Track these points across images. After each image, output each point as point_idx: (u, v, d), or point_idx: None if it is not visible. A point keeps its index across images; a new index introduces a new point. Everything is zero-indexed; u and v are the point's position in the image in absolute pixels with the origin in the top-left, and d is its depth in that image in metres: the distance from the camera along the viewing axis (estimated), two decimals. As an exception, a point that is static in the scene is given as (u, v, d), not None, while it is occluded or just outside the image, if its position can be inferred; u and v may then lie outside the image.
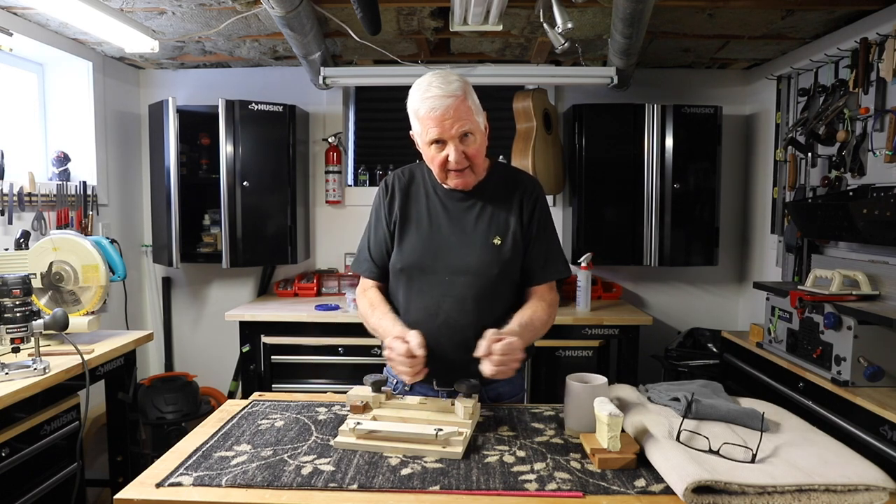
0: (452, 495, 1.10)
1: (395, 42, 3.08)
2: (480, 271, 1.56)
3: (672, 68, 3.61)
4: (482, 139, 1.56)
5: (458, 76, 1.52)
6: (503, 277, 1.58)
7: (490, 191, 1.62)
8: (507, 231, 1.58)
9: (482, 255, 1.56)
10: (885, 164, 2.39)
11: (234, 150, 3.26)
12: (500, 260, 1.56)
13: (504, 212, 1.60)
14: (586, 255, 3.15)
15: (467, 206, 1.61)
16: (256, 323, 3.10)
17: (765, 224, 3.40)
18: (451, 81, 1.49)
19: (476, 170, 1.56)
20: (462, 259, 1.57)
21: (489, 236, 1.58)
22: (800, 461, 1.13)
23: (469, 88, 1.52)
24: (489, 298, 1.56)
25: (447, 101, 1.46)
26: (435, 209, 1.62)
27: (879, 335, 2.03)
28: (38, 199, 2.77)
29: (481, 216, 1.60)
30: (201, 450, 1.29)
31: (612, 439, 1.21)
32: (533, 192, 1.64)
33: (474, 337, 1.52)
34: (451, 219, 1.60)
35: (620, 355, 3.12)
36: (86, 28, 2.63)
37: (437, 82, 1.48)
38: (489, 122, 1.61)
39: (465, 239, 1.58)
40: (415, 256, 1.60)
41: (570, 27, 2.30)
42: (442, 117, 1.47)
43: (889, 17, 2.43)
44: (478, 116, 1.54)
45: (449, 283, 1.56)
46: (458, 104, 1.47)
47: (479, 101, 1.56)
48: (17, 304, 1.85)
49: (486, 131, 1.58)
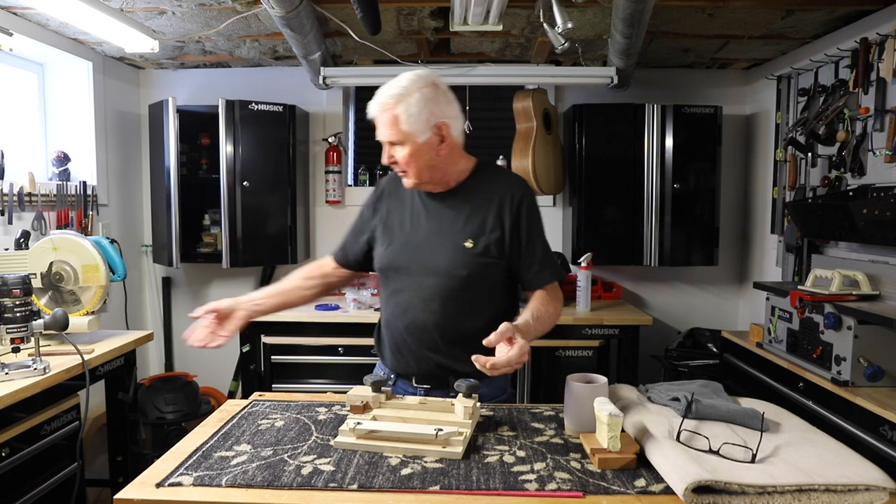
0: (452, 495, 1.10)
1: (395, 42, 3.08)
2: (449, 273, 1.55)
3: (672, 68, 3.61)
4: (420, 150, 1.50)
5: (418, 81, 1.49)
6: (475, 280, 1.55)
7: (470, 192, 1.60)
8: (481, 234, 1.56)
9: (451, 256, 1.55)
10: (885, 164, 2.39)
11: (234, 150, 3.26)
12: (471, 263, 1.54)
13: (481, 215, 1.57)
14: (586, 255, 3.15)
15: (445, 207, 1.60)
16: (256, 323, 3.05)
17: (765, 224, 3.40)
18: (392, 88, 1.49)
19: (412, 173, 1.54)
20: (432, 260, 1.57)
21: (461, 238, 1.56)
22: (800, 461, 1.13)
23: (412, 97, 1.47)
24: (457, 301, 1.56)
25: (377, 107, 1.51)
26: (417, 210, 1.63)
27: (879, 335, 2.03)
28: (38, 199, 2.77)
29: (457, 218, 1.58)
30: (201, 450, 1.29)
31: (612, 439, 1.21)
32: (516, 194, 1.58)
33: (440, 338, 1.56)
34: (431, 220, 1.60)
35: (620, 355, 3.11)
36: (86, 28, 2.63)
37: (386, 84, 1.51)
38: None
39: (439, 240, 1.58)
40: (391, 257, 1.62)
41: (570, 27, 2.30)
42: (377, 121, 1.53)
43: (889, 17, 2.42)
44: (411, 126, 1.48)
45: (419, 283, 1.57)
46: (385, 113, 1.49)
47: (436, 104, 1.49)
48: (17, 304, 1.85)
49: (441, 140, 1.52)
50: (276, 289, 1.74)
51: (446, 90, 1.54)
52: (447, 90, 1.54)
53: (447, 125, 1.52)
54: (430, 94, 1.49)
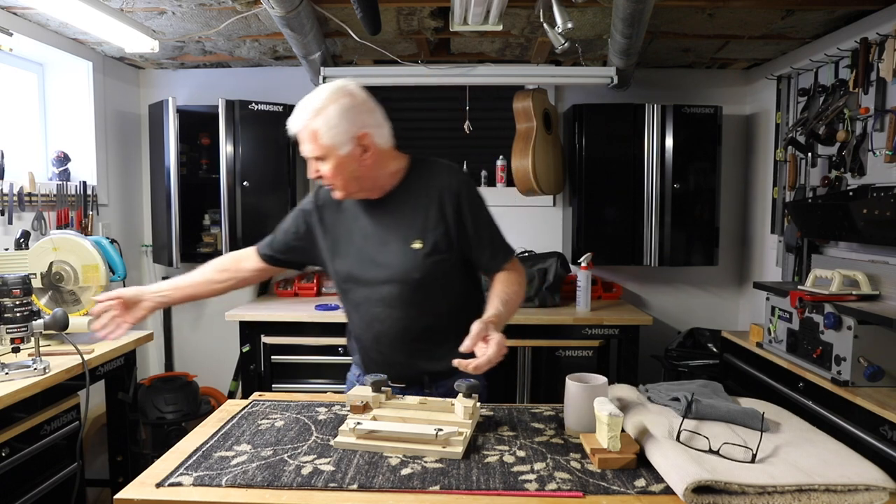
0: (452, 495, 1.10)
1: (395, 42, 3.08)
2: (403, 278, 1.54)
3: (672, 68, 3.61)
4: (342, 163, 1.48)
5: (336, 92, 1.46)
6: (431, 279, 1.55)
7: (408, 193, 1.59)
8: (426, 232, 1.55)
9: (403, 260, 1.54)
10: (885, 164, 2.39)
11: (234, 150, 3.26)
12: (422, 264, 1.53)
13: (423, 213, 1.56)
14: (586, 255, 3.15)
15: (386, 212, 1.58)
16: (256, 323, 3.10)
17: (765, 224, 3.40)
18: (309, 103, 1.47)
19: (339, 186, 1.53)
20: (386, 267, 1.56)
21: (409, 240, 1.55)
22: (800, 461, 1.13)
23: (329, 110, 1.45)
24: (418, 304, 1.55)
25: (296, 124, 1.49)
26: (361, 220, 1.61)
27: (879, 335, 2.03)
28: (38, 199, 2.77)
29: (401, 221, 1.57)
30: (201, 450, 1.29)
31: (612, 439, 1.21)
32: (453, 185, 1.56)
33: (413, 341, 1.56)
34: (376, 227, 1.59)
35: (620, 355, 3.11)
36: (86, 28, 2.63)
37: (304, 99, 1.49)
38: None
39: (388, 246, 1.57)
40: (347, 270, 1.62)
41: (570, 27, 2.30)
42: (298, 138, 1.51)
43: (889, 17, 2.42)
44: (331, 139, 1.46)
45: (377, 292, 1.57)
46: (305, 126, 1.48)
47: (355, 114, 1.47)
48: (17, 304, 1.85)
49: (364, 150, 1.49)
50: (185, 280, 1.73)
51: (366, 99, 1.51)
52: (367, 98, 1.51)
53: (368, 134, 1.49)
54: (348, 104, 1.46)
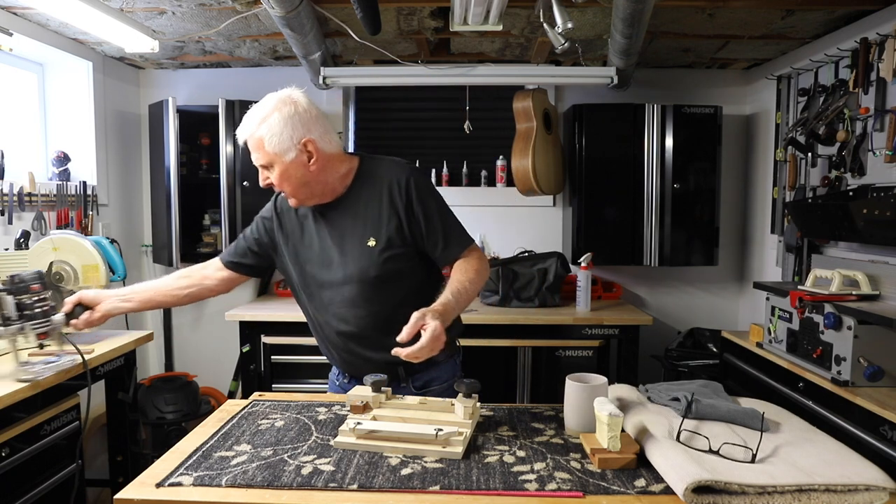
0: (452, 495, 1.10)
1: (395, 42, 3.08)
2: (361, 276, 1.56)
3: (672, 68, 3.61)
4: (288, 169, 1.52)
5: (279, 101, 1.51)
6: (390, 275, 1.56)
7: (360, 192, 1.61)
8: (380, 229, 1.56)
9: (359, 259, 1.56)
10: (885, 164, 2.39)
11: (234, 150, 3.26)
12: (378, 260, 1.55)
13: (375, 209, 1.58)
14: (586, 255, 3.15)
15: (340, 214, 1.61)
16: (256, 323, 3.10)
17: (765, 224, 3.40)
18: (255, 112, 1.52)
19: (290, 192, 1.56)
20: (343, 268, 1.58)
21: (364, 239, 1.57)
22: (800, 461, 1.13)
23: (272, 119, 1.49)
24: (380, 299, 1.57)
25: (243, 132, 1.53)
26: (317, 224, 1.63)
27: (879, 335, 2.03)
28: (38, 199, 2.77)
29: (355, 221, 1.59)
30: (201, 450, 1.29)
31: (612, 439, 1.21)
32: (401, 178, 1.58)
33: (378, 338, 1.56)
34: (332, 229, 1.61)
35: (620, 355, 3.11)
36: (86, 28, 2.63)
37: (251, 109, 1.53)
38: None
39: (345, 248, 1.59)
40: (308, 274, 1.64)
41: (570, 27, 2.30)
42: (248, 146, 1.55)
43: (889, 17, 2.42)
44: (275, 147, 1.50)
45: (339, 293, 1.59)
46: (251, 135, 1.51)
47: (298, 121, 1.51)
48: (36, 301, 1.81)
49: (309, 157, 1.52)
50: (146, 286, 1.75)
51: (308, 106, 1.54)
52: (310, 106, 1.55)
53: (312, 141, 1.52)
54: (291, 111, 1.50)
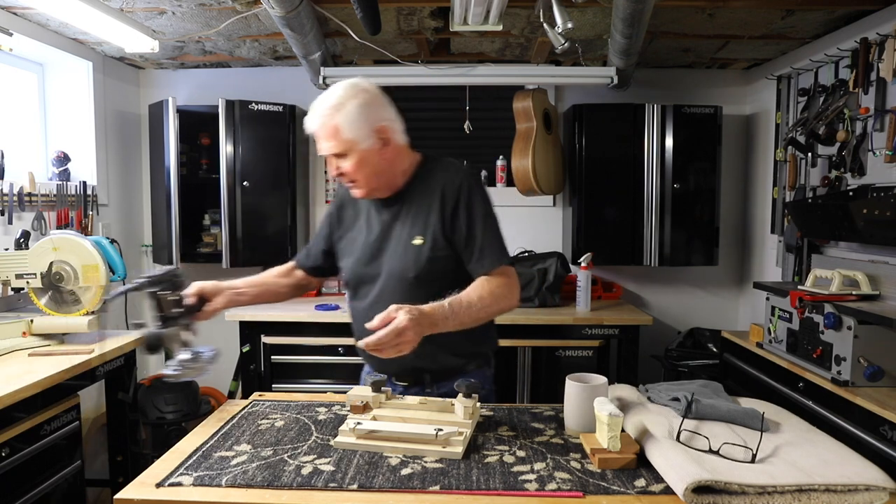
0: (452, 495, 1.10)
1: (395, 42, 3.08)
2: (402, 274, 1.56)
3: (672, 68, 3.61)
4: (365, 157, 1.51)
5: (352, 88, 1.50)
6: (432, 277, 1.55)
7: (413, 190, 1.61)
8: (427, 229, 1.56)
9: (403, 258, 1.57)
10: (885, 164, 2.39)
11: (234, 150, 3.26)
12: (422, 260, 1.55)
13: (425, 209, 1.57)
14: (586, 255, 3.15)
15: (395, 210, 1.61)
16: (256, 323, 3.10)
17: (765, 224, 3.40)
18: (327, 99, 1.50)
19: (361, 183, 1.55)
20: (389, 264, 1.58)
21: (411, 237, 1.57)
22: (800, 461, 1.13)
23: (348, 105, 1.48)
24: (419, 300, 1.52)
25: (316, 121, 1.52)
26: (372, 218, 1.64)
27: (879, 335, 2.03)
28: (38, 199, 2.77)
29: (405, 219, 1.59)
30: (201, 450, 1.29)
31: (612, 439, 1.21)
32: (454, 182, 1.57)
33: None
34: (383, 226, 1.61)
35: (620, 355, 3.11)
36: (86, 28, 2.62)
37: (320, 98, 1.51)
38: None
39: (393, 244, 1.59)
40: (355, 269, 1.64)
41: (570, 27, 2.30)
42: (316, 136, 1.53)
43: (889, 17, 2.42)
44: (353, 134, 1.49)
45: (379, 289, 1.59)
46: (324, 123, 1.50)
47: (372, 108, 1.50)
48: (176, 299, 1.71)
49: (385, 144, 1.52)
50: (254, 281, 1.75)
51: (380, 94, 1.55)
52: (381, 94, 1.56)
53: (388, 128, 1.53)
54: (366, 98, 1.51)
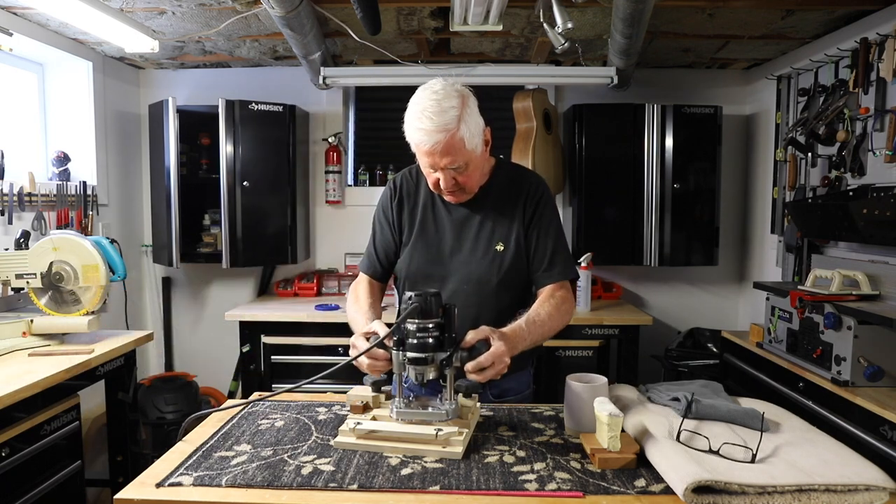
0: (452, 495, 1.10)
1: (395, 42, 3.08)
2: (482, 280, 1.55)
3: (672, 68, 3.61)
4: (477, 163, 1.49)
5: (458, 93, 1.41)
6: (511, 283, 1.56)
7: (493, 195, 1.60)
8: (509, 236, 1.56)
9: (485, 262, 1.55)
10: (885, 164, 2.39)
11: (234, 150, 3.26)
12: (503, 266, 1.55)
13: (507, 216, 1.58)
14: (586, 255, 3.15)
15: (470, 213, 1.59)
16: (256, 323, 3.10)
17: (765, 224, 3.40)
18: (445, 110, 1.38)
19: (470, 189, 1.53)
20: (465, 268, 1.56)
21: (492, 243, 1.56)
22: (800, 461, 1.13)
23: (465, 113, 1.41)
24: (491, 307, 1.55)
25: (436, 136, 1.38)
26: (440, 216, 1.61)
27: (879, 335, 2.03)
28: (38, 199, 2.77)
29: (484, 223, 1.58)
30: (201, 450, 1.29)
31: (612, 439, 1.21)
32: (535, 192, 1.59)
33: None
34: (455, 226, 1.59)
35: (620, 355, 3.11)
36: (86, 28, 2.62)
37: (430, 110, 1.38)
38: (491, 127, 1.53)
39: (468, 247, 1.57)
40: (418, 265, 1.59)
41: (570, 27, 2.30)
42: (431, 152, 1.42)
43: (889, 17, 2.42)
44: (473, 143, 1.43)
45: (452, 292, 1.56)
46: (448, 140, 1.39)
47: (477, 112, 1.45)
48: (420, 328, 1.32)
49: (486, 145, 1.52)
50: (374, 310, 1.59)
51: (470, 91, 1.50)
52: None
53: (489, 129, 1.51)
54: (474, 102, 1.46)
